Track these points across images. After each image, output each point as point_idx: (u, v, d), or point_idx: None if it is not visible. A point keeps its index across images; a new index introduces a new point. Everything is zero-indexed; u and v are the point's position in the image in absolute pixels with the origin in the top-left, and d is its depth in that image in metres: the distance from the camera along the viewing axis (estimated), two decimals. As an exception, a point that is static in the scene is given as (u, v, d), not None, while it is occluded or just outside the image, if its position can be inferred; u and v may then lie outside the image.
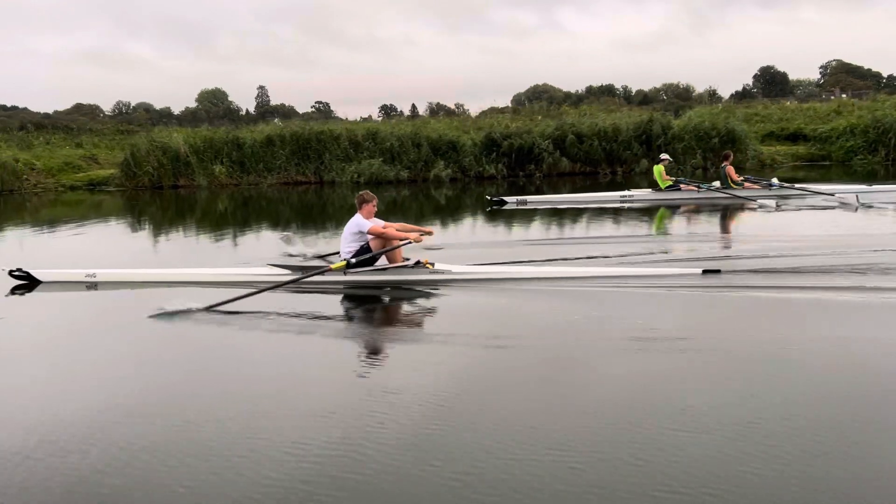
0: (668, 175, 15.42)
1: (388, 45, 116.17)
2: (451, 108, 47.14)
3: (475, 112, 35.44)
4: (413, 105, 56.61)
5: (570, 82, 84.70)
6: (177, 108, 65.59)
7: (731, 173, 14.88)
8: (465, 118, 31.74)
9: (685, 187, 15.17)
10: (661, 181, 15.24)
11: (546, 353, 5.19)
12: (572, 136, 23.81)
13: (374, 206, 7.68)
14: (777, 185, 14.69)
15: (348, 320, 6.82)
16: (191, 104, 69.98)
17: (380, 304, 7.33)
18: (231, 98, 73.33)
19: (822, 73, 71.68)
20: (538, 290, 7.10)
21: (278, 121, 38.30)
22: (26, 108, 55.54)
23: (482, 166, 23.63)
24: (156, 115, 58.68)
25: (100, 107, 60.75)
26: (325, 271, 7.34)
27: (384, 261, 7.53)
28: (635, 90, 64.28)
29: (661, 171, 15.27)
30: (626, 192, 15.67)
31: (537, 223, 13.33)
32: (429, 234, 7.89)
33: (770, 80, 71.11)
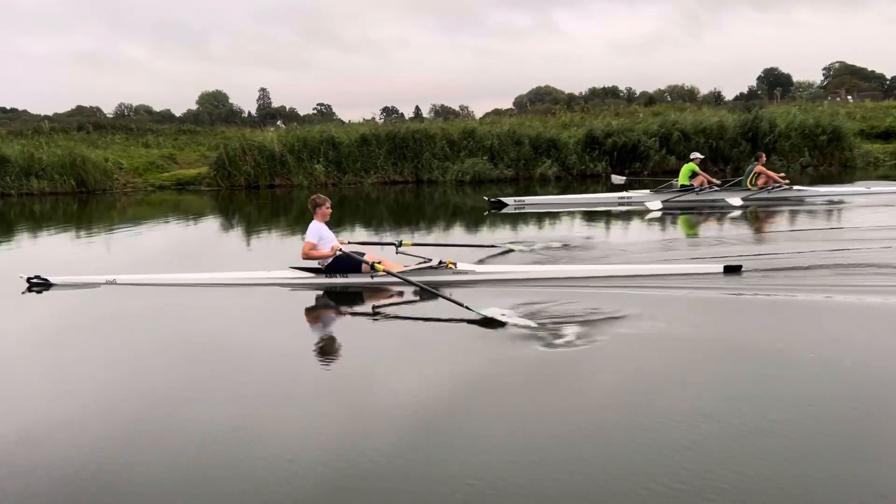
0: (693, 176, 15.13)
1: (383, 47, 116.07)
2: (456, 109, 47.11)
3: (479, 114, 35.00)
4: (417, 107, 56.57)
5: (566, 84, 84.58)
6: (175, 111, 65.06)
7: (764, 172, 14.65)
8: (527, 117, 31.15)
9: (698, 183, 14.94)
10: (684, 179, 15.05)
11: (563, 355, 5.05)
12: (678, 134, 23.45)
13: (328, 209, 7.76)
14: (798, 188, 14.69)
15: (367, 320, 6.75)
16: (187, 106, 69.43)
17: (399, 304, 7.23)
18: (230, 100, 72.84)
19: (825, 75, 71.10)
20: (557, 290, 7.03)
21: (281, 123, 37.83)
22: (26, 111, 55.09)
23: (585, 164, 23.28)
24: (157, 117, 57.88)
25: (101, 109, 59.84)
26: (401, 273, 7.26)
27: (387, 266, 7.48)
28: (639, 91, 63.79)
29: (694, 168, 15.07)
30: (623, 193, 15.49)
31: (563, 225, 13.04)
32: (339, 250, 7.57)
33: (774, 81, 70.53)
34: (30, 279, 7.98)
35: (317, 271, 7.61)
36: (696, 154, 15.86)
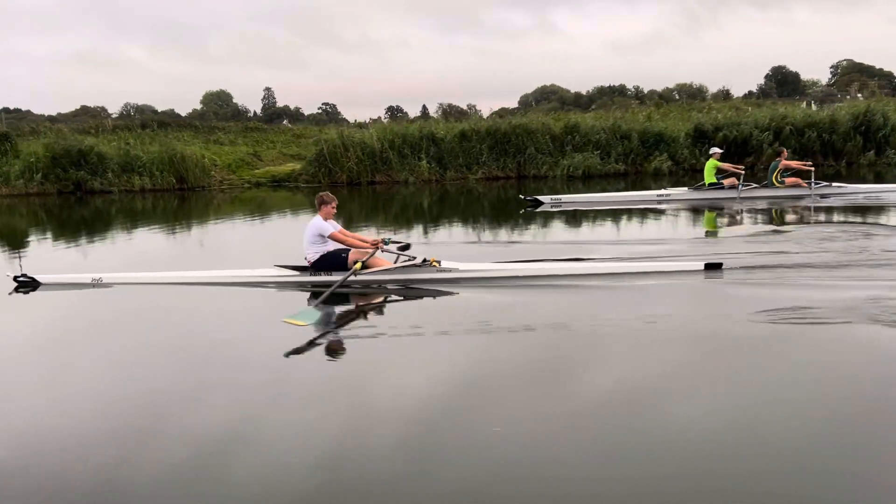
0: (719, 172, 14.98)
1: (382, 47, 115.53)
2: (464, 108, 46.90)
3: (486, 113, 34.66)
4: (424, 106, 56.14)
5: (567, 83, 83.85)
6: (179, 110, 63.99)
7: (790, 164, 14.59)
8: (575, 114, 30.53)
9: (728, 182, 14.75)
10: (710, 177, 14.79)
11: (548, 352, 5.15)
12: (789, 128, 23.07)
13: (334, 208, 7.71)
14: (821, 184, 14.52)
15: (356, 320, 6.78)
16: (190, 106, 68.79)
17: (386, 303, 7.29)
18: (234, 100, 72.21)
19: (832, 73, 70.39)
20: (543, 287, 7.17)
21: (287, 122, 37.45)
22: (30, 111, 54.54)
23: (696, 158, 22.90)
24: (163, 116, 56.92)
25: (106, 109, 59.01)
26: (354, 272, 7.26)
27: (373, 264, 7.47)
28: (647, 90, 63.22)
29: (717, 165, 14.85)
30: (662, 190, 15.34)
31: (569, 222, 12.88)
32: (374, 246, 7.52)
33: (782, 80, 69.94)
34: (16, 277, 8.00)
35: (302, 269, 7.60)
36: (715, 149, 15.73)
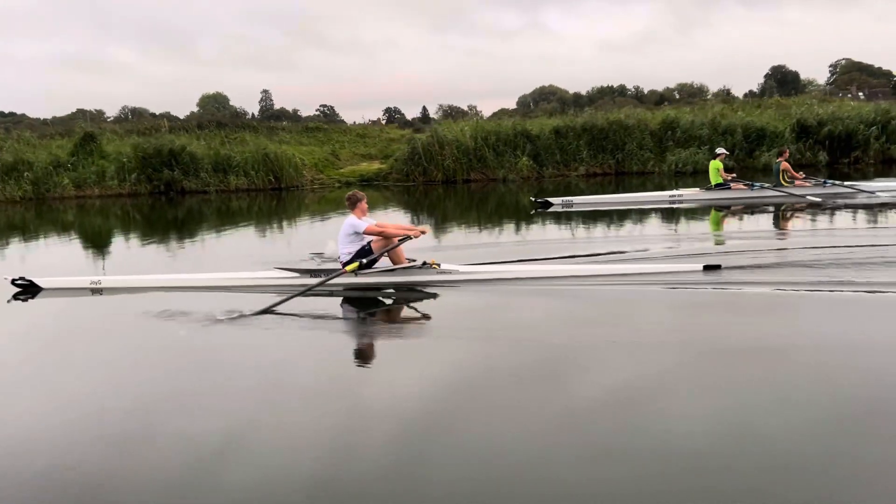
0: (725, 172, 14.85)
1: (372, 49, 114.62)
2: (465, 109, 46.86)
3: (487, 114, 34.29)
4: (424, 107, 55.59)
5: (560, 82, 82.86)
6: (174, 113, 62.68)
7: (789, 169, 14.41)
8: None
9: (735, 185, 14.62)
10: (715, 178, 14.60)
11: (546, 354, 5.13)
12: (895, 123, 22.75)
13: (366, 205, 7.64)
14: (830, 182, 14.35)
15: (355, 322, 6.79)
16: (181, 108, 67.42)
17: (386, 306, 7.32)
18: (231, 102, 71.00)
19: (831, 72, 70.35)
20: (541, 289, 7.16)
21: (287, 124, 36.79)
22: (25, 115, 53.24)
23: (802, 154, 22.50)
24: (160, 118, 55.78)
25: (103, 111, 58.06)
26: (340, 273, 7.23)
27: (387, 261, 7.44)
28: (647, 90, 62.84)
29: (720, 167, 14.69)
30: (674, 191, 15.14)
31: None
32: (422, 232, 7.62)
33: (782, 79, 69.93)
34: (14, 281, 7.90)
35: (301, 271, 7.55)
36: (721, 150, 15.58)
